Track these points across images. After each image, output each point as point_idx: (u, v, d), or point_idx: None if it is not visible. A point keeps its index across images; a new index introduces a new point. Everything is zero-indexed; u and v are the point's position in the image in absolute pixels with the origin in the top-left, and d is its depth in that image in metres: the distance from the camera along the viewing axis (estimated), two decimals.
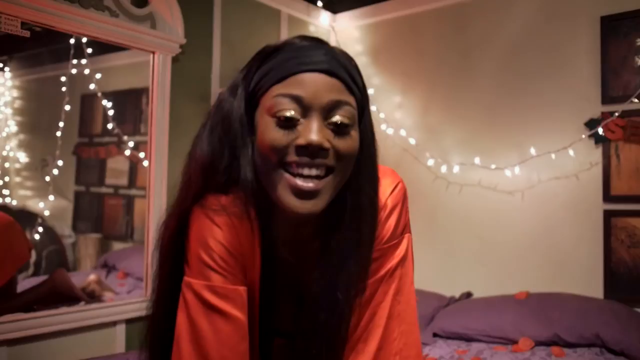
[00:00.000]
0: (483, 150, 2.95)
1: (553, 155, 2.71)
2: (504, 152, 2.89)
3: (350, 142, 0.89)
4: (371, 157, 0.96)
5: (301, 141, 0.85)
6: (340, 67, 0.89)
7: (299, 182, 0.86)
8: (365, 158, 0.94)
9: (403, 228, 0.99)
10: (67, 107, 2.33)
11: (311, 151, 0.85)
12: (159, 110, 2.49)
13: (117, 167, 2.59)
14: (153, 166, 2.48)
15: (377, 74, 3.35)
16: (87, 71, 2.39)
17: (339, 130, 0.88)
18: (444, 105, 3.12)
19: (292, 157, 0.86)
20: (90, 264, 2.46)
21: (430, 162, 3.07)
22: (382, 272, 0.96)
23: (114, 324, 2.35)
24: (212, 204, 0.93)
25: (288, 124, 0.86)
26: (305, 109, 0.86)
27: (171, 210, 0.98)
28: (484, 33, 3.00)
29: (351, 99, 0.89)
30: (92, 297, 2.33)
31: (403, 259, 0.98)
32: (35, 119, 2.30)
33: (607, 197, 2.61)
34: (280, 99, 0.86)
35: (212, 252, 0.92)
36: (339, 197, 0.92)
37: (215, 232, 0.92)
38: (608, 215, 2.60)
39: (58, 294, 2.22)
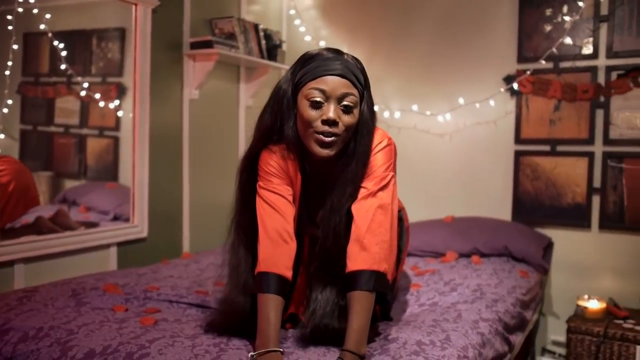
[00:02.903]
0: (420, 98, 3.40)
1: (477, 105, 3.24)
2: (437, 101, 3.35)
3: (352, 118, 1.47)
4: (367, 124, 1.52)
5: (324, 117, 1.44)
6: (349, 72, 1.46)
7: (323, 137, 1.45)
8: (364, 125, 1.51)
9: (387, 167, 1.55)
10: (15, 47, 2.27)
11: (329, 122, 1.44)
12: (141, 58, 2.71)
13: (66, 107, 2.58)
14: (138, 110, 2.71)
15: (326, 27, 3.67)
16: (35, 10, 2.33)
17: (346, 110, 1.46)
18: (386, 58, 3.53)
19: (318, 125, 1.45)
20: (44, 200, 2.51)
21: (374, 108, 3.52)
22: (370, 191, 1.52)
23: (107, 246, 2.64)
24: (273, 147, 1.54)
25: (317, 105, 1.45)
26: (327, 97, 1.45)
27: (246, 153, 1.58)
28: None
29: (355, 91, 1.46)
30: (63, 227, 2.49)
31: (385, 186, 1.54)
32: None
33: (518, 139, 3.17)
34: (313, 90, 1.45)
35: (271, 166, 1.53)
36: (346, 147, 1.50)
37: (273, 157, 1.54)
38: (518, 155, 3.17)
39: (43, 233, 2.39)
